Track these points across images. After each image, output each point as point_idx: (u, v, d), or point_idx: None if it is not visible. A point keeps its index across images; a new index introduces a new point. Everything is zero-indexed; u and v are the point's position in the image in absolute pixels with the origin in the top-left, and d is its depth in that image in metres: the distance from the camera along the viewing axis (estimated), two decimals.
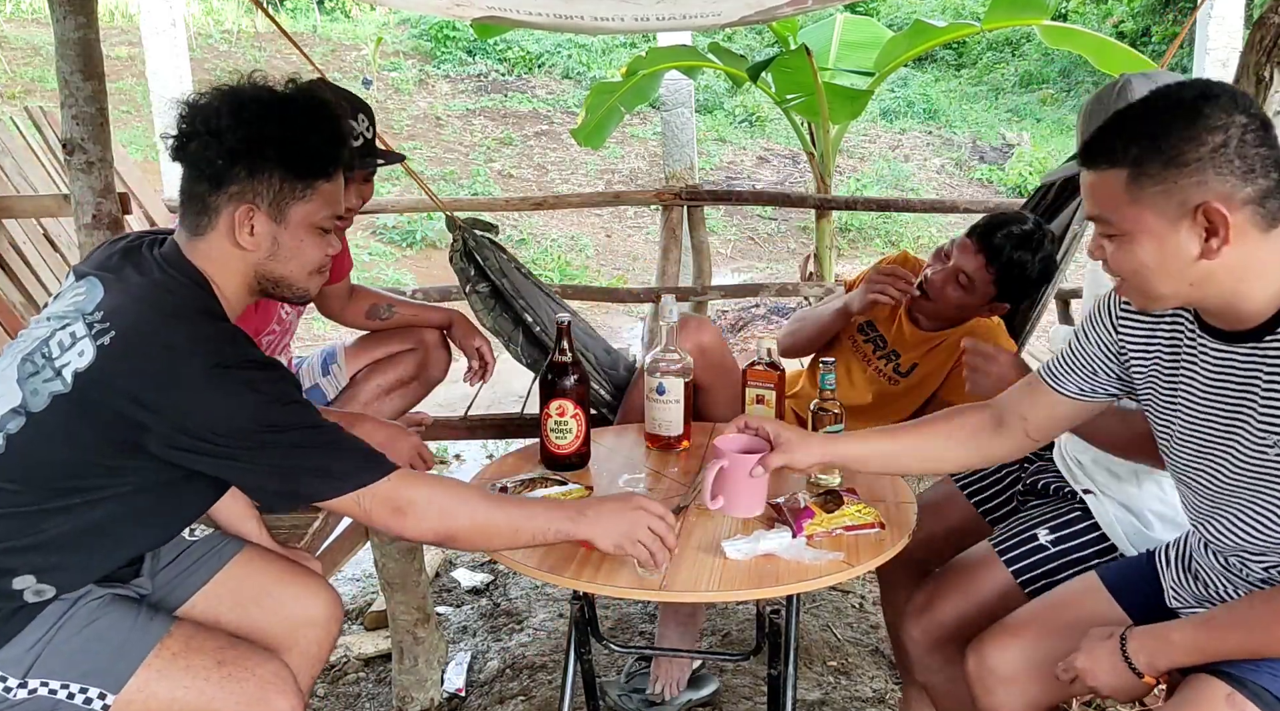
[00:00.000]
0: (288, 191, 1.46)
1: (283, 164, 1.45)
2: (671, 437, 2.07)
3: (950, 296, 2.34)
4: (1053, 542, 1.81)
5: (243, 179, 1.44)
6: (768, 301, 6.96)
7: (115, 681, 1.43)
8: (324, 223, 1.51)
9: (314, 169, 1.48)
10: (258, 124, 1.44)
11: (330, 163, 1.50)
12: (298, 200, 1.47)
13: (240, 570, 1.70)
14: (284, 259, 1.50)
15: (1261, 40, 2.40)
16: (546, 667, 2.75)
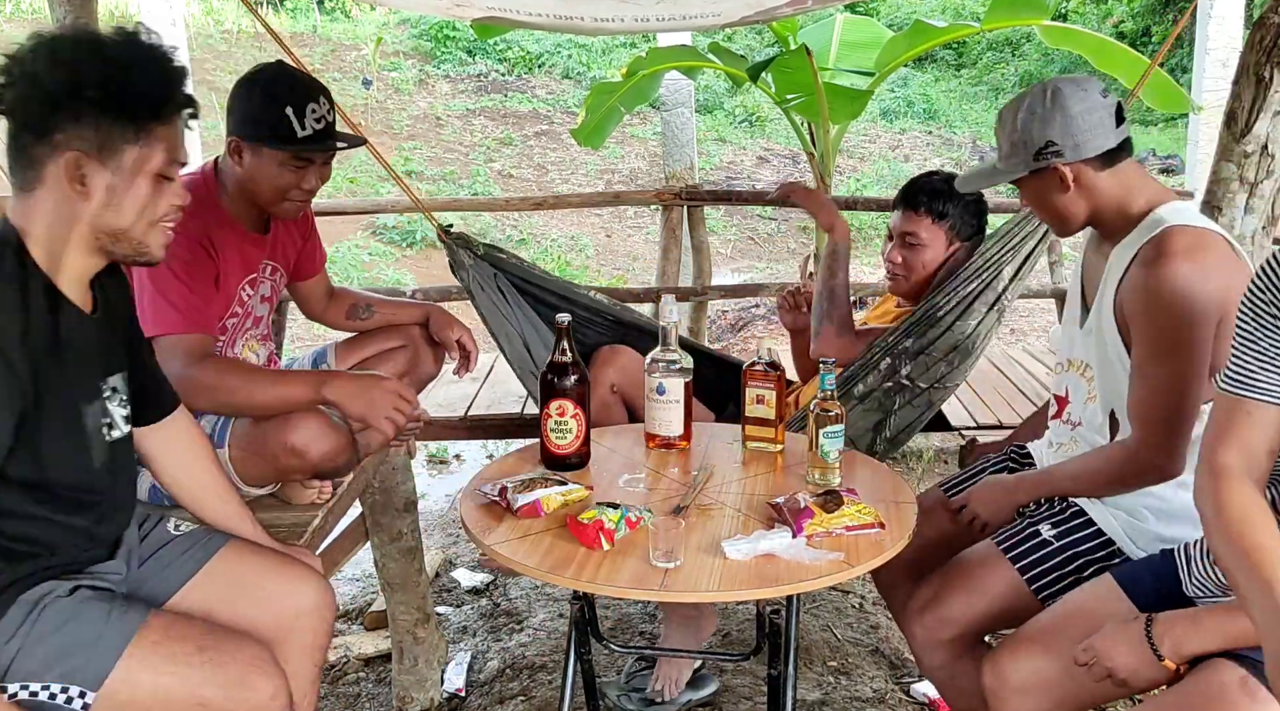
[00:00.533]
0: (117, 135, 1.39)
1: (108, 106, 1.38)
2: (672, 437, 2.07)
3: (912, 261, 2.50)
4: (1055, 537, 1.80)
5: (66, 125, 1.37)
6: (768, 301, 6.96)
7: (94, 678, 1.41)
8: (163, 169, 1.45)
9: (143, 110, 1.41)
10: (76, 65, 1.37)
11: (161, 103, 1.43)
12: (129, 144, 1.40)
13: (227, 562, 1.68)
14: (121, 209, 1.42)
15: (1261, 40, 2.40)
16: (546, 667, 2.75)
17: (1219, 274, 1.64)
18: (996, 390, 3.26)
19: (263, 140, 2.02)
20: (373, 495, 2.52)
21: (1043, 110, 1.75)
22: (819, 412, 1.85)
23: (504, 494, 1.78)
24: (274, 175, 2.05)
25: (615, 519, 1.65)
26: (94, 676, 1.41)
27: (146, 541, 1.68)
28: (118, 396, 1.57)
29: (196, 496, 1.77)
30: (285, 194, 2.08)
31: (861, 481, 1.88)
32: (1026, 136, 1.76)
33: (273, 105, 2.00)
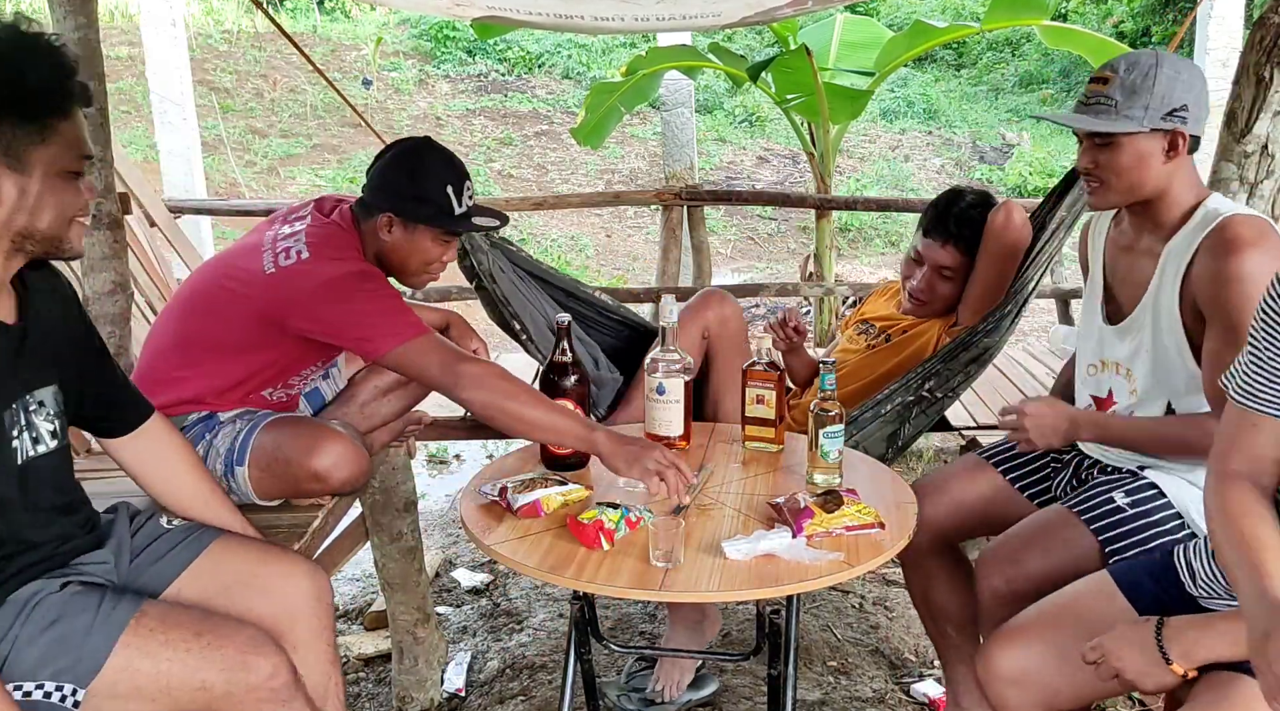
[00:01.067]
0: (21, 137, 1.36)
1: (6, 109, 1.34)
2: (672, 438, 2.07)
3: (943, 291, 2.52)
4: (1129, 504, 1.79)
5: None
6: (768, 301, 6.97)
7: (86, 674, 1.41)
8: (72, 166, 1.42)
9: (44, 107, 1.37)
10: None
11: (61, 98, 1.39)
12: (35, 145, 1.37)
13: (220, 555, 1.67)
14: (37, 210, 1.39)
15: (1261, 40, 2.40)
16: (546, 667, 2.75)
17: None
18: (997, 390, 3.26)
19: (425, 220, 2.06)
20: (373, 495, 2.52)
21: (1186, 75, 1.76)
22: (819, 412, 1.85)
23: (504, 494, 1.78)
24: (426, 250, 2.09)
25: (615, 519, 1.65)
26: (85, 673, 1.41)
27: (138, 536, 1.67)
28: (44, 410, 1.52)
29: (185, 503, 1.76)
30: (429, 267, 2.13)
31: (861, 481, 1.88)
32: (1167, 92, 1.74)
33: (438, 186, 2.05)
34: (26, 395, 1.49)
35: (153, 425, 1.73)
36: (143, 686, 1.44)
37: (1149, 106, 1.75)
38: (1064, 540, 1.81)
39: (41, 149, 1.38)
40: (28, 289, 1.51)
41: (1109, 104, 1.77)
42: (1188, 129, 1.77)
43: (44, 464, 1.52)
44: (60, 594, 1.46)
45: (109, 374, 1.69)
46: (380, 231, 2.07)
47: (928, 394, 2.43)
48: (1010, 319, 2.43)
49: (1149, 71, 1.75)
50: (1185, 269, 1.76)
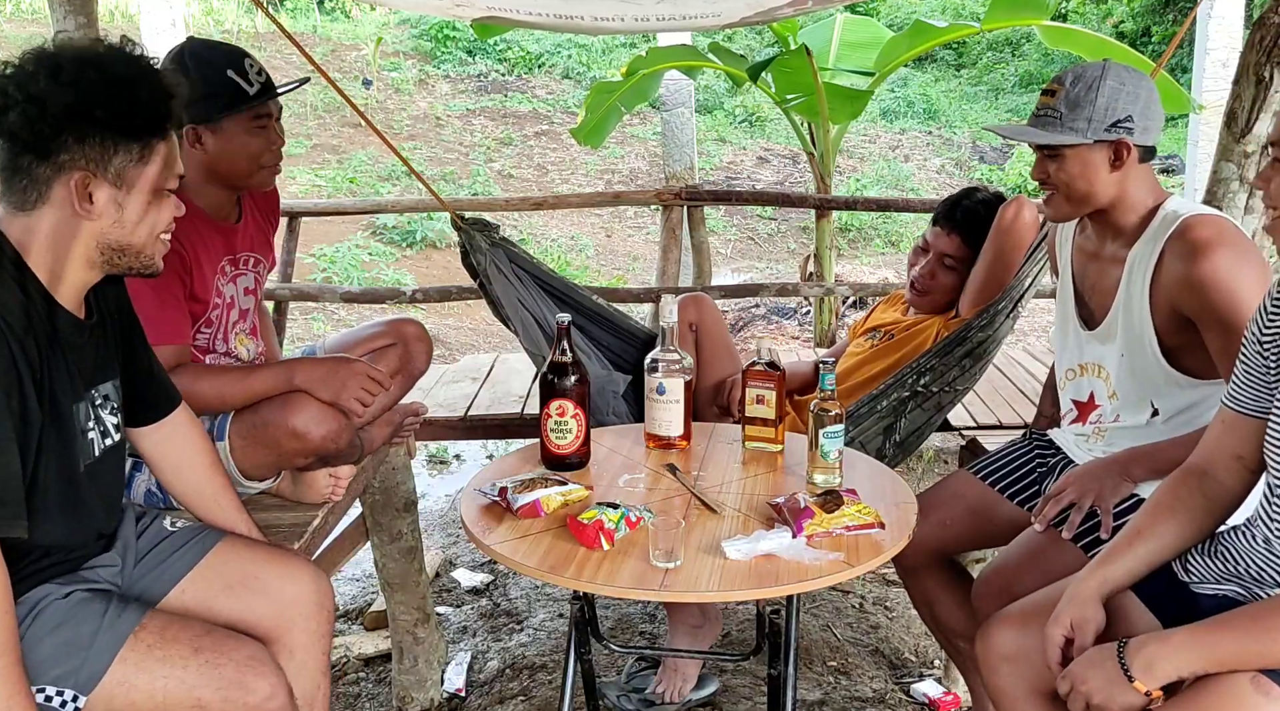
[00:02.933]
0: (123, 153, 1.41)
1: (113, 125, 1.39)
2: (672, 438, 2.07)
3: (944, 281, 2.55)
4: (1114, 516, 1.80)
5: (71, 146, 1.38)
6: (768, 301, 6.97)
7: (87, 682, 1.41)
8: (166, 183, 1.47)
9: (147, 127, 1.43)
10: (79, 85, 1.37)
11: (163, 118, 1.45)
12: (135, 162, 1.42)
13: (223, 557, 1.68)
14: (130, 225, 1.45)
15: (1261, 40, 2.40)
16: (546, 667, 2.75)
17: (1248, 248, 1.73)
18: (997, 390, 3.26)
19: (221, 111, 1.99)
20: (373, 495, 2.52)
21: (1130, 86, 1.79)
22: (819, 412, 1.85)
23: (504, 494, 1.78)
24: (243, 144, 2.03)
25: (615, 519, 1.65)
26: (87, 680, 1.42)
27: (143, 538, 1.68)
28: (109, 404, 1.57)
29: (193, 496, 1.77)
30: (259, 160, 2.07)
31: (861, 481, 1.88)
32: (1110, 104, 1.78)
33: (217, 74, 1.97)
34: (94, 388, 1.53)
35: (177, 416, 1.75)
36: (137, 701, 1.44)
37: (1091, 118, 1.79)
38: (1055, 562, 1.80)
39: (141, 168, 1.44)
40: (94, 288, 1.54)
41: (1055, 116, 1.81)
42: (1134, 139, 1.79)
43: (109, 457, 1.56)
44: (66, 600, 1.47)
45: (150, 363, 1.72)
46: (193, 150, 2.00)
47: (923, 389, 2.44)
48: (1005, 315, 2.44)
49: (1093, 84, 1.79)
50: (1152, 273, 1.79)
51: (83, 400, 1.50)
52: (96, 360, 1.54)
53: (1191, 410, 1.84)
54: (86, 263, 1.46)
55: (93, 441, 1.52)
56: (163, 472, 1.77)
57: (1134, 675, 1.32)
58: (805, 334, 6.46)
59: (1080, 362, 1.98)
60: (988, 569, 1.93)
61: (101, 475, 1.55)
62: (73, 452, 1.48)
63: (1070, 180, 1.83)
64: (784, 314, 6.94)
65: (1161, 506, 1.55)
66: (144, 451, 1.75)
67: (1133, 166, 1.81)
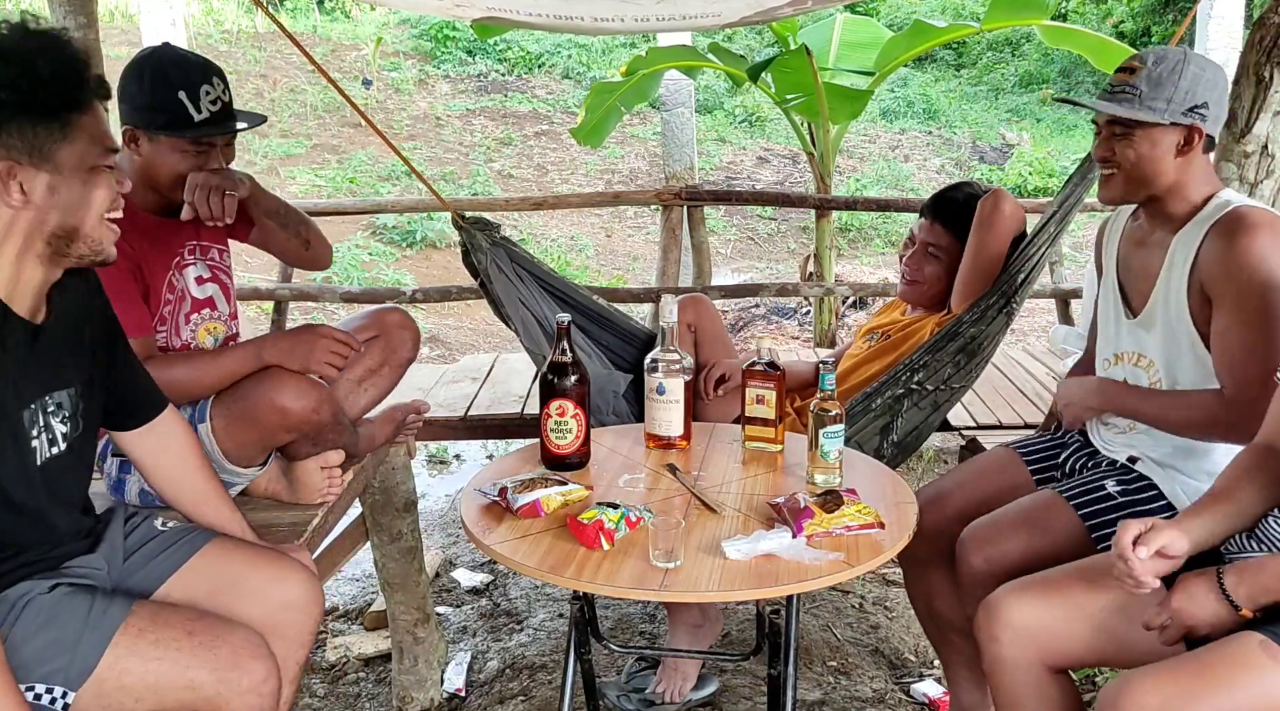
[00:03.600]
0: (44, 135, 1.34)
1: (24, 107, 1.32)
2: (672, 438, 2.07)
3: (931, 271, 2.57)
4: (1119, 493, 1.84)
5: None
6: (768, 301, 6.97)
7: (77, 677, 1.40)
8: (100, 158, 1.41)
9: (60, 102, 1.36)
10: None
11: (74, 90, 1.38)
12: (59, 141, 1.36)
13: (213, 557, 1.66)
14: (69, 208, 1.39)
15: (1261, 40, 2.40)
16: (546, 667, 2.74)
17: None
18: (997, 390, 3.26)
19: (159, 128, 1.96)
20: (373, 495, 2.52)
21: (1210, 74, 1.79)
22: (819, 412, 1.85)
23: (504, 494, 1.78)
24: (174, 162, 1.99)
25: (615, 519, 1.65)
26: (76, 676, 1.40)
27: (132, 537, 1.67)
28: (61, 412, 1.51)
29: (184, 499, 1.76)
30: (182, 178, 2.02)
31: (861, 481, 1.88)
32: (1191, 88, 1.77)
33: (165, 91, 1.93)
34: (46, 396, 1.49)
35: (164, 420, 1.74)
36: (129, 686, 1.43)
37: (1171, 99, 1.77)
38: (1048, 523, 1.85)
39: (66, 146, 1.37)
40: (57, 288, 1.50)
41: (1134, 93, 1.79)
42: (1205, 127, 1.79)
43: (58, 464, 1.52)
44: (50, 596, 1.45)
45: (127, 368, 1.69)
46: (128, 148, 1.97)
47: (917, 386, 2.45)
48: (996, 310, 2.44)
49: (1176, 66, 1.78)
50: (1194, 257, 1.78)
51: (28, 407, 1.46)
52: (51, 366, 1.50)
53: None
54: (35, 258, 1.40)
55: (36, 449, 1.47)
56: (152, 476, 1.76)
57: (1238, 602, 1.38)
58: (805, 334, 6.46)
59: (1117, 351, 1.97)
60: (979, 521, 1.94)
61: (52, 481, 1.51)
62: (24, 454, 1.45)
63: (1137, 160, 1.81)
64: (784, 314, 6.94)
65: (1242, 471, 1.56)
66: (132, 456, 1.74)
67: (1197, 154, 1.80)
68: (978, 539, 1.90)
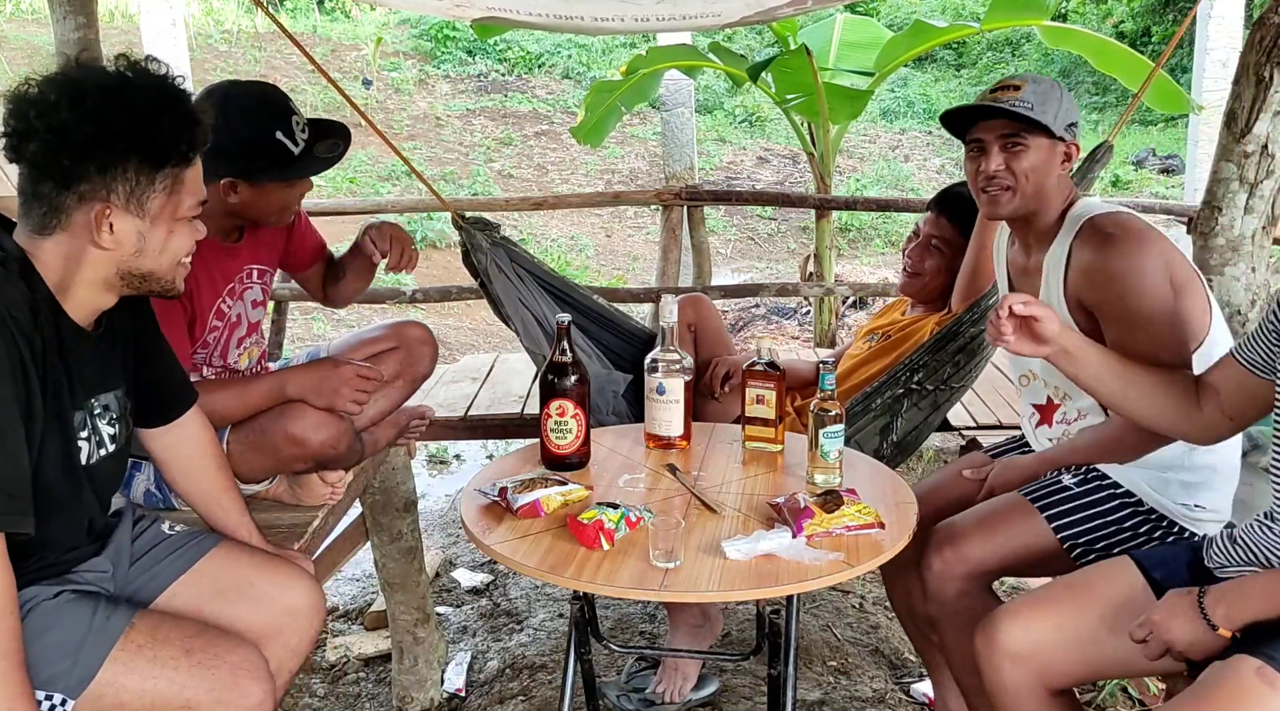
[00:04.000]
0: (145, 184, 1.39)
1: (136, 156, 1.37)
2: (672, 438, 2.07)
3: (930, 264, 2.57)
4: (1076, 484, 1.87)
5: (94, 176, 1.35)
6: (768, 301, 6.97)
7: (78, 684, 1.40)
8: (190, 212, 1.45)
9: (170, 157, 1.40)
10: (103, 116, 1.35)
11: (186, 147, 1.42)
12: (158, 192, 1.40)
13: (218, 562, 1.67)
14: (151, 254, 1.43)
15: (1261, 40, 2.40)
16: (546, 667, 2.75)
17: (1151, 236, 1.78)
18: (997, 390, 3.26)
19: (266, 172, 1.97)
20: (373, 495, 2.52)
21: (1070, 99, 1.90)
22: (819, 412, 1.85)
23: (504, 494, 1.78)
24: (281, 197, 2.03)
25: (615, 519, 1.65)
26: (76, 683, 1.40)
27: (139, 541, 1.67)
28: (108, 414, 1.54)
29: (199, 497, 1.77)
30: (290, 208, 2.09)
31: (861, 481, 1.88)
32: (1068, 106, 1.88)
33: (262, 135, 1.94)
34: (94, 398, 1.51)
35: (189, 418, 1.74)
36: (127, 702, 1.43)
37: (1057, 115, 1.86)
38: (1009, 521, 1.87)
39: (164, 197, 1.41)
40: None
41: (1026, 106, 1.85)
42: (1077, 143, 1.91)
43: (104, 467, 1.54)
44: (54, 601, 1.45)
45: (162, 365, 1.70)
46: (225, 195, 1.97)
47: (917, 386, 2.45)
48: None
49: (1052, 86, 1.89)
50: (1064, 272, 1.86)
51: (81, 408, 1.49)
52: (100, 370, 1.53)
53: None
54: (103, 286, 1.44)
55: (81, 449, 1.49)
56: (171, 473, 1.77)
57: (1216, 622, 1.39)
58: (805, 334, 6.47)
59: (1028, 370, 2.06)
60: (943, 524, 1.96)
61: (93, 483, 1.53)
62: (71, 455, 1.47)
63: (1029, 171, 1.87)
64: (784, 314, 6.94)
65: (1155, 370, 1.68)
66: (154, 452, 1.74)
67: (1067, 171, 1.91)
68: (938, 540, 1.92)
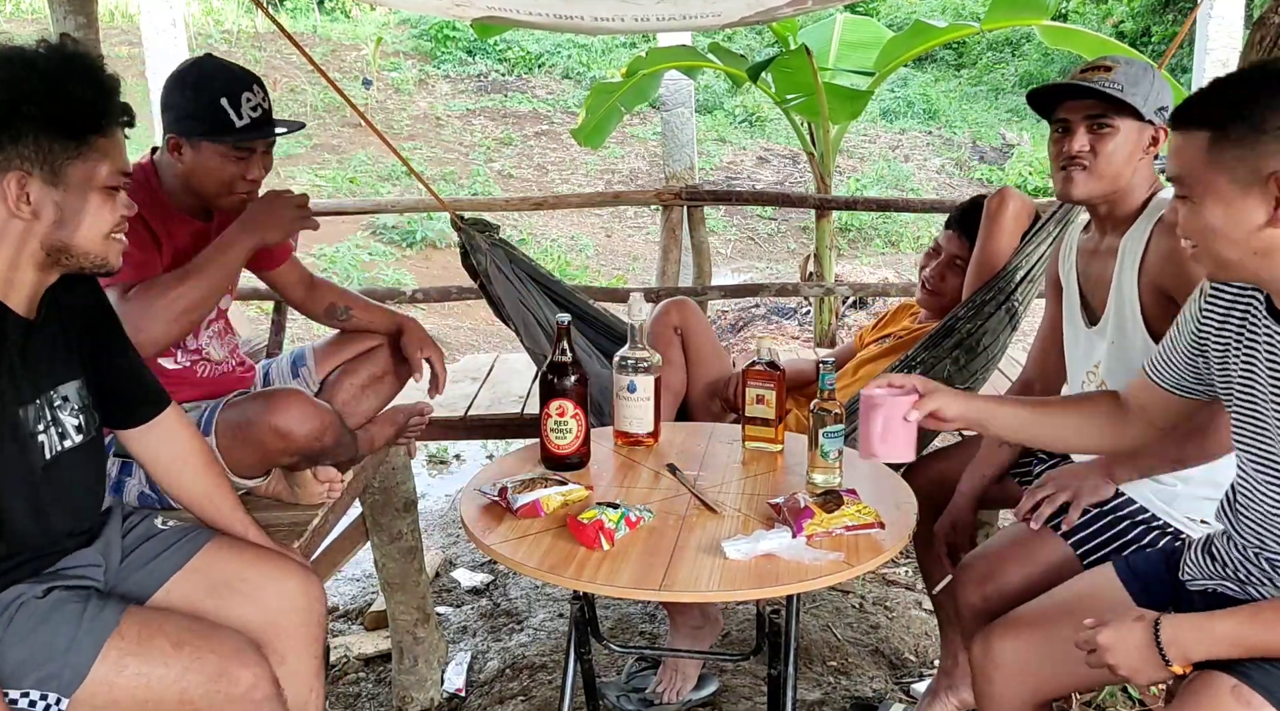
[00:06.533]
0: (59, 151, 1.38)
1: (47, 123, 1.37)
2: (641, 435, 2.07)
3: (951, 283, 2.56)
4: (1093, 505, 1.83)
5: (6, 146, 1.36)
6: (768, 301, 6.96)
7: (69, 682, 1.40)
8: (110, 181, 1.44)
9: (83, 124, 1.40)
10: (12, 84, 1.36)
11: (101, 115, 1.43)
12: (73, 159, 1.39)
13: (211, 558, 1.66)
14: (71, 225, 1.42)
15: (1261, 40, 2.40)
16: (546, 667, 2.75)
17: None
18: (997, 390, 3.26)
19: (201, 135, 2.00)
20: (373, 495, 2.52)
21: (1163, 82, 1.87)
22: (819, 412, 1.85)
23: (504, 494, 1.78)
24: (216, 168, 2.03)
25: (615, 519, 1.65)
26: (69, 682, 1.40)
27: (130, 536, 1.66)
28: (68, 405, 1.53)
29: (189, 497, 1.75)
30: (230, 187, 2.06)
31: (861, 481, 1.88)
32: (1159, 89, 1.84)
33: (207, 98, 1.98)
34: (50, 390, 1.50)
35: (167, 418, 1.72)
36: (120, 699, 1.43)
37: (1148, 98, 1.81)
38: (1036, 551, 1.85)
39: (80, 165, 1.41)
40: (54, 287, 1.51)
41: (1116, 87, 1.80)
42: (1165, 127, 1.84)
43: (70, 460, 1.53)
44: (44, 600, 1.44)
45: (128, 365, 1.68)
46: (170, 155, 2.03)
47: None
48: (994, 305, 2.44)
49: (1145, 68, 1.84)
50: (1141, 255, 1.82)
51: (31, 403, 1.47)
52: (51, 361, 1.51)
53: None
54: (35, 264, 1.43)
55: (43, 444, 1.48)
56: (156, 474, 1.76)
57: (1168, 655, 1.32)
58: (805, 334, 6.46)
59: (1096, 362, 1.97)
60: (971, 557, 1.96)
61: (61, 478, 1.51)
62: (30, 450, 1.46)
63: (1113, 152, 1.82)
64: (784, 314, 6.94)
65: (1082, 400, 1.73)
66: (135, 454, 1.74)
67: (1152, 155, 1.84)
68: (975, 575, 1.89)
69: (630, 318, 2.04)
